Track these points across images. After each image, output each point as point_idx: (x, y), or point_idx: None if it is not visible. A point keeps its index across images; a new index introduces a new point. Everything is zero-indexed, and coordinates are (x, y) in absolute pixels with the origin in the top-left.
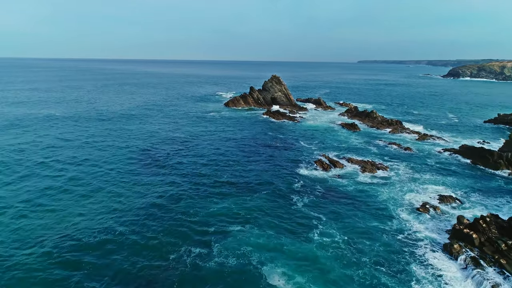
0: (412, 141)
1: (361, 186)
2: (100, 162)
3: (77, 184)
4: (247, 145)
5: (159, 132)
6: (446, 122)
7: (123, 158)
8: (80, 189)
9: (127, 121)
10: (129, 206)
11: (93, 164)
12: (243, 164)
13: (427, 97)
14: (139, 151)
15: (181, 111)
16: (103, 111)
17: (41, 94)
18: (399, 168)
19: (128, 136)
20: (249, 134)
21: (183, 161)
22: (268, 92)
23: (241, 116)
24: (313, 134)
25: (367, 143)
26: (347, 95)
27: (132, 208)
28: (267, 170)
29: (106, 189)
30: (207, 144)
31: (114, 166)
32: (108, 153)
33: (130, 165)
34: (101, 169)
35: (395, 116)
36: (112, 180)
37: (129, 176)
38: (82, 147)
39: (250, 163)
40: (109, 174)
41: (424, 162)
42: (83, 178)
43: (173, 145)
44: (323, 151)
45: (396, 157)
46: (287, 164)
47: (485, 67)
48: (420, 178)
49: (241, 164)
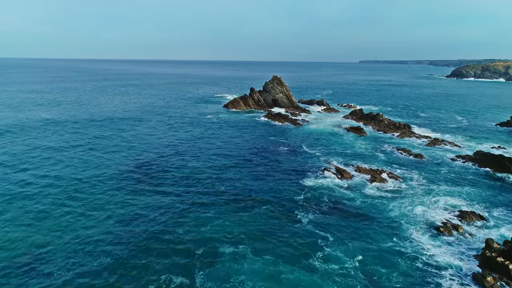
0: (422, 146)
1: (371, 199)
2: (77, 172)
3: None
4: (246, 152)
5: (150, 138)
6: (456, 126)
7: (104, 169)
8: (42, 206)
9: (118, 126)
10: (105, 222)
11: (69, 174)
12: (241, 174)
13: (433, 98)
14: (123, 159)
15: (177, 114)
16: (95, 115)
17: (32, 96)
18: (411, 178)
19: (114, 144)
20: (248, 139)
21: (173, 169)
22: (269, 93)
23: (240, 119)
24: (317, 139)
25: (375, 149)
26: (351, 96)
27: (108, 225)
28: (268, 180)
29: (80, 201)
30: (201, 150)
31: (94, 178)
32: (90, 163)
33: (110, 177)
34: (78, 181)
35: (401, 118)
36: (88, 193)
37: (107, 188)
38: (65, 152)
39: (249, 173)
40: (89, 186)
41: (437, 171)
42: (52, 191)
43: (163, 152)
44: (328, 158)
45: (406, 165)
46: (289, 173)
47: (489, 67)
48: (435, 189)
49: (238, 173)
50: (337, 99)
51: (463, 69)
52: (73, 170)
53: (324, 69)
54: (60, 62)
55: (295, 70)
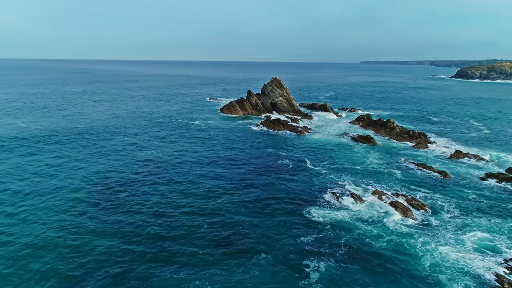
0: (443, 160)
1: (397, 239)
2: (14, 202)
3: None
4: (237, 171)
5: (127, 150)
6: (476, 134)
7: (48, 197)
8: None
9: (93, 137)
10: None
11: (26, 193)
12: (230, 204)
13: (443, 101)
14: (80, 182)
15: (165, 120)
16: (74, 123)
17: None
18: (439, 206)
19: (85, 158)
20: (242, 153)
21: (140, 201)
22: (268, 96)
23: (234, 126)
24: (322, 152)
25: (389, 164)
26: (354, 99)
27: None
28: (266, 213)
29: (38, 236)
30: (177, 168)
31: (33, 212)
32: (37, 188)
33: (54, 208)
34: (9, 216)
35: (413, 125)
36: (21, 235)
37: (68, 217)
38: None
39: (241, 203)
40: (22, 222)
41: (467, 195)
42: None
43: (134, 174)
44: (337, 177)
45: (429, 186)
46: (292, 200)
47: (495, 67)
48: (471, 224)
49: (227, 203)
50: (340, 102)
51: (468, 70)
52: (10, 197)
53: (325, 70)
54: (58, 63)
55: (295, 70)
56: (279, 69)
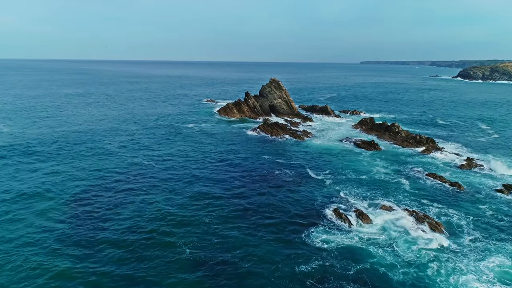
0: (454, 169)
1: (414, 269)
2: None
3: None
4: (227, 184)
5: (110, 157)
6: (486, 139)
7: (42, 208)
8: None
9: (79, 141)
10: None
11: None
12: (220, 224)
13: (447, 103)
14: (65, 187)
15: (158, 123)
16: (57, 127)
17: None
18: (455, 226)
19: (63, 165)
20: (234, 162)
21: (117, 206)
22: (266, 98)
23: (227, 130)
24: (323, 159)
25: (397, 174)
26: (356, 100)
27: None
28: (261, 236)
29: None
30: (161, 181)
31: (24, 211)
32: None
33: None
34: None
35: (418, 128)
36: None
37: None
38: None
39: (230, 223)
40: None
41: (485, 212)
42: None
43: (117, 177)
44: (341, 189)
45: (442, 200)
46: (290, 218)
47: (498, 68)
48: (494, 249)
49: (216, 222)
50: (341, 103)
51: (470, 70)
52: None
53: (326, 70)
54: (58, 63)
55: (295, 71)
56: (279, 69)
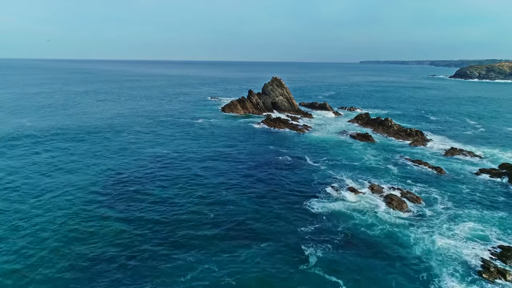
0: (439, 157)
1: (390, 228)
2: (24, 199)
3: None
4: (240, 166)
5: (129, 150)
6: (472, 132)
7: (62, 191)
8: None
9: (99, 136)
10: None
11: (15, 201)
12: (234, 195)
13: (441, 101)
14: (101, 173)
15: (168, 118)
16: (76, 122)
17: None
18: (432, 199)
19: (95, 155)
20: (244, 150)
21: (147, 191)
22: (269, 96)
23: (236, 125)
24: (321, 149)
25: (386, 160)
26: (353, 98)
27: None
28: (268, 204)
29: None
30: (186, 165)
31: (47, 203)
32: (48, 184)
33: (70, 202)
34: (22, 212)
35: (410, 123)
36: (32, 225)
37: (59, 219)
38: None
39: (244, 194)
40: (36, 216)
41: (461, 189)
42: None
43: (140, 168)
44: (335, 172)
45: (425, 181)
46: (293, 193)
47: (494, 67)
48: (463, 215)
49: (231, 194)
50: (339, 101)
51: (467, 70)
52: (21, 195)
53: (325, 70)
54: (59, 63)
55: (295, 70)
56: (279, 69)
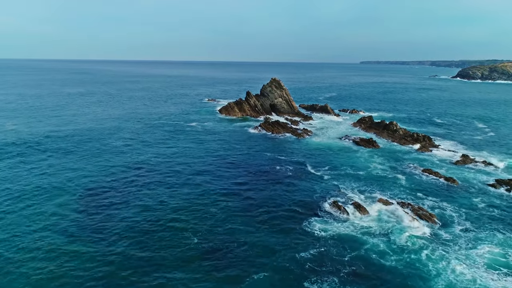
0: (450, 165)
1: (406, 256)
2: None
3: None
4: (230, 178)
5: (118, 154)
6: (482, 137)
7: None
8: None
9: (86, 139)
10: None
11: None
12: (224, 213)
13: (445, 103)
14: (78, 183)
15: (161, 121)
16: (69, 124)
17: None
18: (448, 217)
19: (74, 162)
20: (236, 158)
21: (130, 200)
22: (267, 97)
23: (231, 128)
24: (323, 156)
25: (394, 169)
26: (355, 99)
27: None
28: (263, 225)
29: None
30: (171, 174)
31: (41, 205)
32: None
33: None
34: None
35: (416, 127)
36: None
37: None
38: None
39: (234, 212)
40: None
41: (477, 204)
42: None
43: (126, 174)
44: (339, 183)
45: (437, 194)
46: (290, 208)
47: (497, 68)
48: (485, 238)
49: (221, 212)
50: (341, 103)
51: (469, 70)
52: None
53: (325, 70)
54: (58, 63)
55: (295, 71)
56: (279, 69)
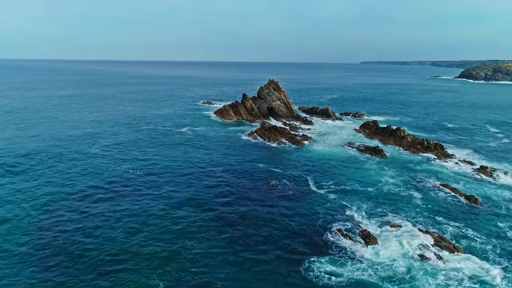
0: (467, 178)
1: None
2: None
3: None
4: (215, 197)
5: (91, 166)
6: (497, 144)
7: None
8: None
9: (61, 149)
10: None
11: None
12: (199, 248)
13: (452, 105)
14: (37, 203)
15: (150, 125)
16: (50, 130)
17: None
18: (479, 251)
19: (39, 176)
20: (225, 171)
21: (85, 231)
22: (264, 100)
23: (222, 134)
24: (326, 169)
25: (406, 184)
26: (357, 101)
27: None
28: (249, 263)
29: None
30: (144, 192)
31: None
32: None
33: None
34: None
35: (424, 132)
36: None
37: None
38: None
39: (217, 245)
40: None
41: (507, 233)
42: None
43: (90, 190)
44: (344, 202)
45: (458, 217)
46: (286, 243)
47: (501, 68)
48: None
49: (196, 247)
50: (342, 105)
51: (472, 71)
52: None
53: (326, 70)
54: (58, 63)
55: (295, 71)
56: (278, 69)
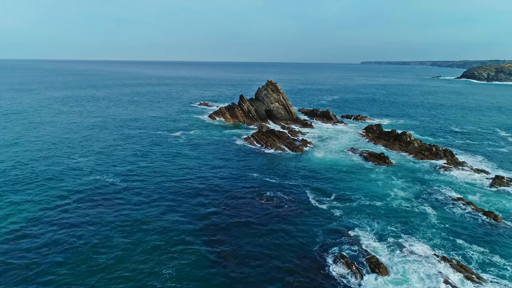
0: (483, 190)
1: None
2: None
3: None
4: (200, 211)
5: (63, 178)
6: (509, 150)
7: None
8: None
9: (33, 157)
10: None
11: None
12: (179, 279)
13: (457, 107)
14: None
15: (141, 129)
16: (23, 132)
17: None
18: (506, 275)
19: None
20: (215, 182)
21: (62, 251)
22: (262, 102)
23: (216, 139)
24: (327, 178)
25: (418, 198)
26: (359, 103)
27: None
28: None
29: None
30: (120, 207)
31: None
32: None
33: None
34: None
35: (432, 137)
36: None
37: None
38: None
39: (195, 273)
40: None
41: None
42: None
43: (61, 204)
44: (348, 220)
45: (480, 240)
46: (277, 274)
47: (504, 68)
48: None
49: (172, 280)
50: (343, 107)
51: (475, 71)
52: None
53: (326, 71)
54: (58, 63)
55: (295, 71)
56: (278, 69)
